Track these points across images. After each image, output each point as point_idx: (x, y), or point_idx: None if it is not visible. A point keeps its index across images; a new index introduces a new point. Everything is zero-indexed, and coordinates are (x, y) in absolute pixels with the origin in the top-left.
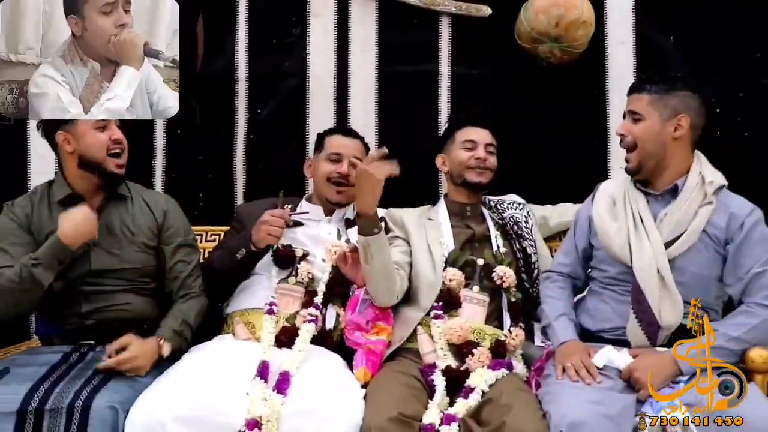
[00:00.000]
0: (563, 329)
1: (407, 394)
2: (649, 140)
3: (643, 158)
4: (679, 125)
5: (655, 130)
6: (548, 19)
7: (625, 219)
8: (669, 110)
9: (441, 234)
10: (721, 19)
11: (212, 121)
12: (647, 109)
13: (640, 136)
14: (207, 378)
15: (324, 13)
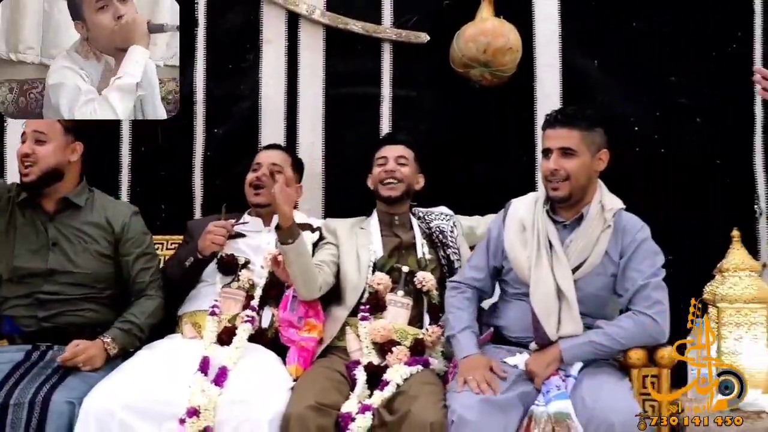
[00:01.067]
0: (467, 343)
1: (329, 386)
2: (582, 175)
3: (574, 190)
4: (601, 159)
5: (587, 165)
6: (477, 47)
7: (534, 247)
8: (595, 146)
9: (371, 242)
10: (640, 44)
11: (173, 140)
12: (580, 145)
13: (574, 172)
14: (154, 371)
15: (276, 40)
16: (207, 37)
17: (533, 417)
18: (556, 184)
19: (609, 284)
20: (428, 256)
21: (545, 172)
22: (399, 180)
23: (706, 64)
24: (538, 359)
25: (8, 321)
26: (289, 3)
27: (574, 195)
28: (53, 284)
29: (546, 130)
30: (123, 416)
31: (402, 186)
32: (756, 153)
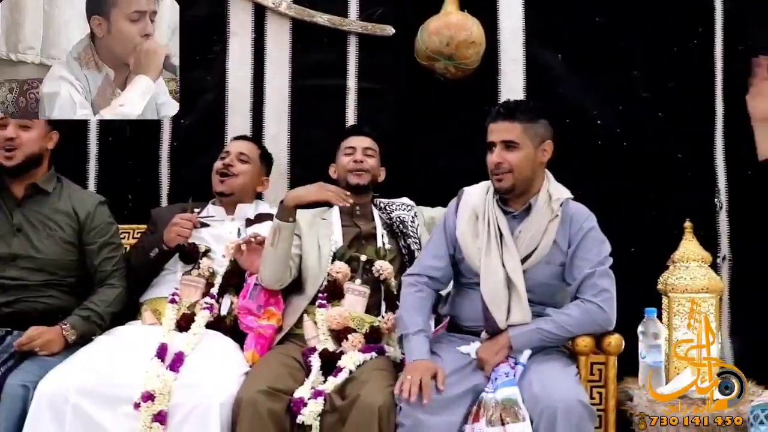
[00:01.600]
0: (418, 347)
1: (283, 372)
2: (525, 167)
3: (518, 181)
4: (545, 150)
5: (530, 157)
6: (440, 39)
7: (485, 237)
8: (538, 138)
9: (332, 232)
10: (603, 39)
11: (140, 130)
12: (522, 137)
13: (516, 164)
14: (111, 356)
15: (242, 32)
16: None
17: (482, 403)
18: (500, 176)
19: (558, 273)
20: (387, 246)
21: (490, 165)
22: (366, 170)
23: (668, 59)
24: (488, 347)
25: None
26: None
27: (518, 186)
28: (15, 269)
29: (489, 124)
30: (77, 400)
31: (368, 176)
32: (716, 147)
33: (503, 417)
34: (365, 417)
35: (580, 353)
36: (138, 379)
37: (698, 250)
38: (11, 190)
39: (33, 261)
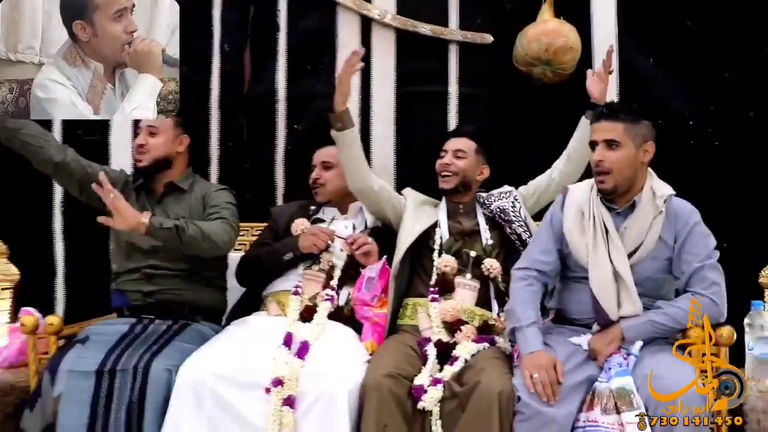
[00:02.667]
0: (533, 338)
1: (403, 359)
2: (626, 166)
3: (619, 182)
4: (646, 151)
5: (631, 156)
6: (539, 46)
7: (591, 233)
8: (639, 138)
9: (434, 220)
10: (694, 43)
11: (257, 136)
12: (624, 137)
13: (617, 162)
14: (242, 344)
15: (350, 43)
16: (287, 42)
17: (596, 393)
18: (601, 177)
19: (664, 267)
20: (490, 242)
21: (592, 164)
22: (453, 173)
23: (758, 61)
24: (601, 338)
25: (117, 294)
26: (363, 8)
27: (620, 187)
28: (157, 259)
29: (593, 124)
30: (214, 385)
31: (456, 179)
32: None
33: (618, 405)
34: (485, 403)
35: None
36: (267, 365)
37: None
38: (153, 188)
39: (172, 251)
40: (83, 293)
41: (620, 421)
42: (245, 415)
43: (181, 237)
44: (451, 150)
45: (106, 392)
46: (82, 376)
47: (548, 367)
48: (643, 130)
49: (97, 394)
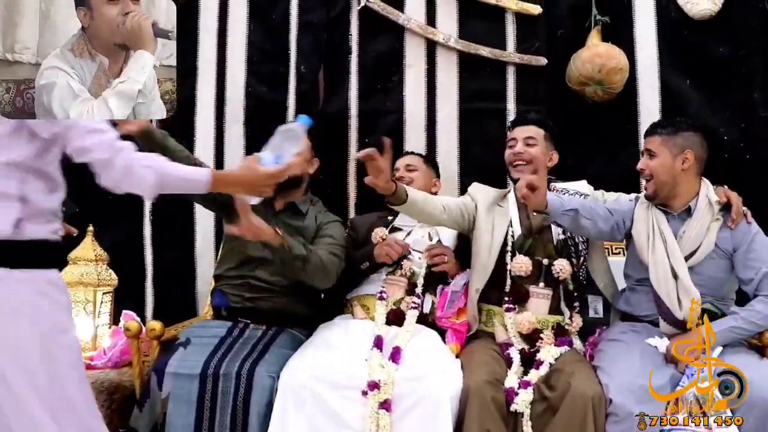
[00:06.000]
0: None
1: (494, 363)
2: (663, 172)
3: (659, 186)
4: (686, 159)
5: (668, 164)
6: (592, 67)
7: (651, 235)
8: (677, 148)
9: (508, 221)
10: (727, 67)
11: (331, 149)
12: (660, 147)
13: (655, 169)
14: (336, 347)
15: (416, 64)
16: (359, 63)
17: (680, 397)
18: (646, 183)
19: (722, 268)
20: (561, 237)
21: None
22: (527, 161)
23: None
24: (681, 345)
25: (220, 294)
26: (428, 33)
27: (660, 191)
28: (264, 272)
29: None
30: (314, 387)
31: (531, 167)
32: None
33: (703, 409)
34: (579, 406)
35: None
36: (362, 368)
37: None
38: (273, 203)
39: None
40: (170, 296)
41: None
42: (343, 417)
43: (305, 266)
44: (520, 138)
45: (210, 395)
46: (186, 378)
47: None
48: (681, 140)
49: (202, 396)
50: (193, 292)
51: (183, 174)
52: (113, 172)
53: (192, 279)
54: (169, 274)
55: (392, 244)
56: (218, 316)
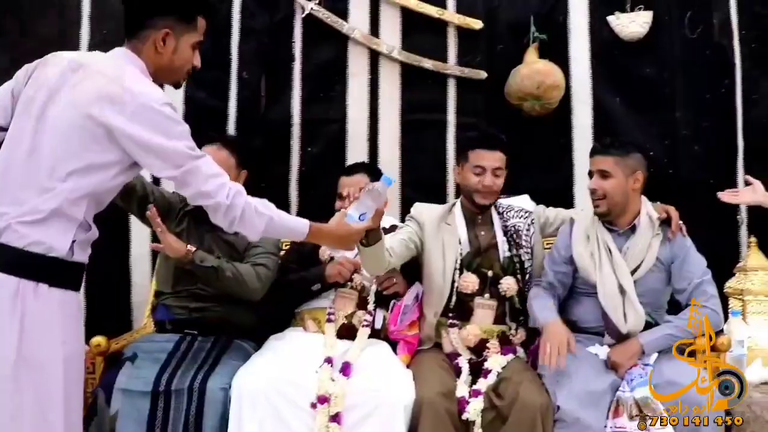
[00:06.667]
0: (547, 314)
1: (443, 372)
2: (617, 193)
3: (611, 206)
4: (636, 179)
5: (622, 185)
6: (532, 83)
7: (597, 253)
8: (629, 168)
9: (457, 240)
10: (653, 87)
11: (272, 158)
12: (614, 168)
13: (609, 190)
14: (288, 358)
15: (360, 73)
16: (302, 71)
17: (620, 402)
18: (596, 201)
19: (662, 279)
20: (507, 254)
21: (589, 191)
22: (494, 192)
23: (702, 104)
24: (621, 353)
25: (163, 308)
26: (372, 43)
27: (613, 210)
28: None
29: (591, 157)
30: (267, 392)
31: (495, 196)
32: (738, 174)
33: (643, 412)
34: (527, 414)
35: (697, 351)
36: (311, 380)
37: (764, 260)
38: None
39: None
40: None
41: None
42: (293, 428)
43: (219, 277)
44: (490, 168)
45: (162, 412)
46: (137, 395)
47: (561, 340)
48: (632, 161)
49: (153, 413)
50: (128, 303)
51: (287, 224)
52: (230, 215)
53: (127, 289)
54: (103, 284)
55: (344, 263)
56: (161, 330)
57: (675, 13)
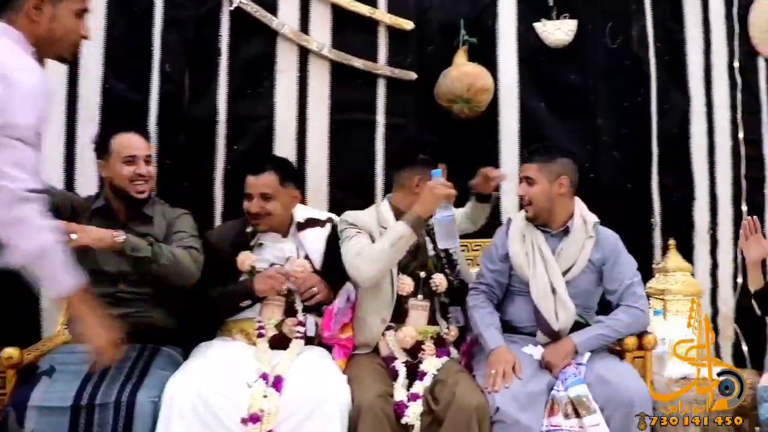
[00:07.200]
0: (495, 337)
1: (381, 377)
2: (541, 198)
3: (538, 211)
4: (562, 184)
5: (545, 190)
6: (462, 86)
7: (531, 253)
8: (553, 174)
9: None
10: (577, 94)
11: (197, 154)
12: (537, 174)
13: (534, 196)
14: (218, 369)
15: (289, 70)
16: (228, 65)
17: (555, 401)
18: (525, 206)
19: (594, 281)
20: (432, 252)
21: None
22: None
23: (621, 112)
24: (555, 352)
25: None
26: (302, 40)
27: (539, 214)
28: (126, 284)
29: (521, 165)
30: (196, 404)
31: None
32: (653, 180)
33: (578, 411)
34: (463, 417)
35: (627, 351)
36: (243, 395)
37: (682, 262)
38: (116, 213)
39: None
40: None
41: (581, 424)
42: None
43: (157, 262)
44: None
45: (84, 428)
46: (55, 412)
47: (506, 364)
48: (557, 167)
49: (75, 430)
50: (37, 309)
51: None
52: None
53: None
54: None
55: (275, 276)
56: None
57: (598, 23)
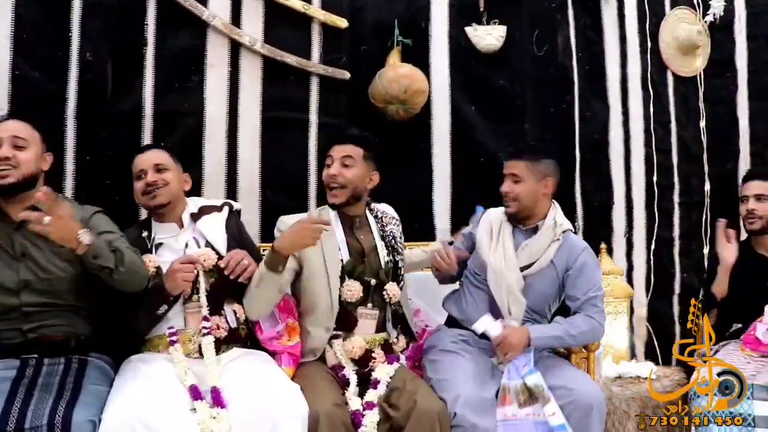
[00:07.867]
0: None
1: (333, 385)
2: (527, 197)
3: (520, 208)
4: (547, 185)
5: (532, 189)
6: (399, 87)
7: (495, 244)
8: (540, 174)
9: (336, 247)
10: (505, 99)
11: (121, 152)
12: (525, 173)
13: (519, 194)
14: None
15: (219, 64)
16: (155, 57)
17: (507, 390)
18: (508, 203)
19: (552, 284)
20: (387, 258)
21: (502, 192)
22: (342, 185)
23: (547, 117)
24: (515, 335)
25: None
26: (233, 33)
27: (522, 212)
28: (31, 295)
29: (505, 161)
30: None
31: (346, 191)
32: (575, 185)
33: (535, 398)
34: (425, 423)
35: (572, 351)
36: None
37: (613, 265)
38: (8, 214)
39: (46, 283)
40: None
41: (537, 412)
42: None
43: (117, 270)
44: (337, 158)
45: None
46: None
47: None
48: (543, 167)
49: None
50: None
51: None
52: None
53: None
54: None
55: (181, 268)
56: None
57: (525, 31)
